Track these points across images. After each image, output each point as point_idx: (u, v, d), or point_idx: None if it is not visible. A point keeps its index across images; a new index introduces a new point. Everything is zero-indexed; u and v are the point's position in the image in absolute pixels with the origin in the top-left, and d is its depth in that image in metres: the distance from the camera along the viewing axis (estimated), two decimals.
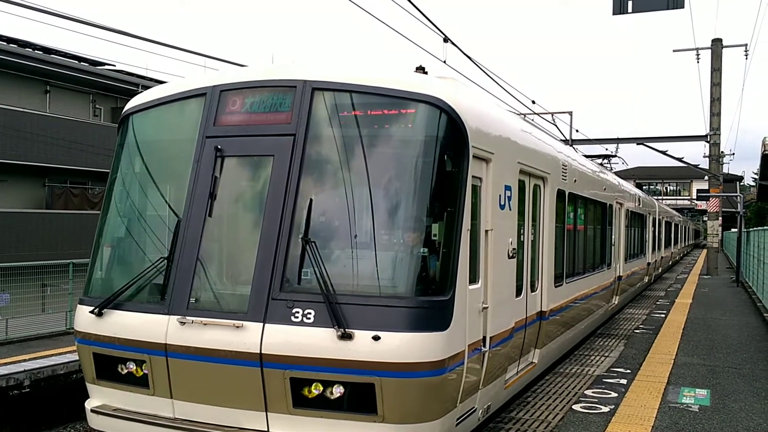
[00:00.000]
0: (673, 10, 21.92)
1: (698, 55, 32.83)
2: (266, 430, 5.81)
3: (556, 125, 25.27)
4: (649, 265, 23.99)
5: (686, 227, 58.45)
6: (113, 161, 7.10)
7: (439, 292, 5.80)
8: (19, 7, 10.97)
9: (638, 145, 31.00)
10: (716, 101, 31.22)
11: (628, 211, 17.88)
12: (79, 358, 6.76)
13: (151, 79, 31.40)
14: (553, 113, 25.27)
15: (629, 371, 10.46)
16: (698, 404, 8.63)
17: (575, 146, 23.96)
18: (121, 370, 6.34)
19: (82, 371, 6.80)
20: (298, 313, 5.67)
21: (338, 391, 5.63)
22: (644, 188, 68.63)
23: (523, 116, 14.38)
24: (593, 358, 11.57)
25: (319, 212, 6.04)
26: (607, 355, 11.83)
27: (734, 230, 39.93)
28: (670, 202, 66.63)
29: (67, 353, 11.87)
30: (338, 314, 5.54)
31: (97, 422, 6.41)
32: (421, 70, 7.60)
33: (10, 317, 13.71)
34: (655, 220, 25.97)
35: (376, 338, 5.47)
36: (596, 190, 13.51)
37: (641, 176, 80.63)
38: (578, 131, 30.44)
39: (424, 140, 6.01)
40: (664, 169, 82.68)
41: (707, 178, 32.95)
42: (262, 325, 5.73)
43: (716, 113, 31.21)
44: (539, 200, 9.17)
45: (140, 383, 6.23)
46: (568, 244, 10.85)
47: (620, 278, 16.72)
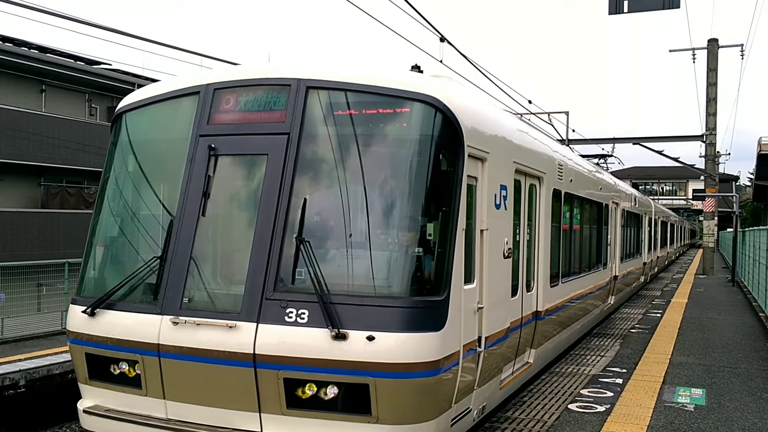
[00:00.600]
0: (668, 9, 21.90)
1: (694, 55, 32.94)
2: (260, 430, 5.78)
3: (552, 125, 25.29)
4: (645, 264, 24.01)
5: (682, 227, 58.56)
6: (106, 160, 7.05)
7: (433, 292, 5.77)
8: (14, 5, 10.92)
9: (634, 144, 31.03)
10: (712, 101, 31.26)
11: (624, 210, 17.88)
12: (71, 358, 6.71)
13: (147, 78, 31.26)
14: (549, 113, 25.27)
15: (625, 371, 10.46)
16: (694, 403, 8.63)
17: (571, 146, 23.96)
18: (113, 370, 6.30)
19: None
20: (291, 313, 5.64)
21: (332, 391, 5.60)
22: (640, 188, 68.73)
23: (519, 116, 14.35)
24: (589, 357, 11.55)
25: (313, 212, 6.01)
26: (602, 354, 11.82)
27: (730, 230, 39.95)
28: (666, 201, 66.73)
29: (62, 353, 11.81)
30: (332, 314, 5.51)
31: (89, 423, 6.36)
32: (416, 68, 7.56)
33: (5, 317, 13.66)
34: (651, 219, 25.99)
35: (370, 338, 5.44)
36: (592, 189, 13.50)
37: (637, 176, 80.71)
38: (574, 131, 30.50)
39: (418, 139, 5.98)
40: (660, 169, 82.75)
41: (703, 178, 32.98)
42: (255, 325, 5.69)
43: (712, 113, 31.26)
44: (535, 200, 9.14)
45: (133, 384, 6.19)
46: (563, 243, 10.83)
47: (616, 278, 16.72)
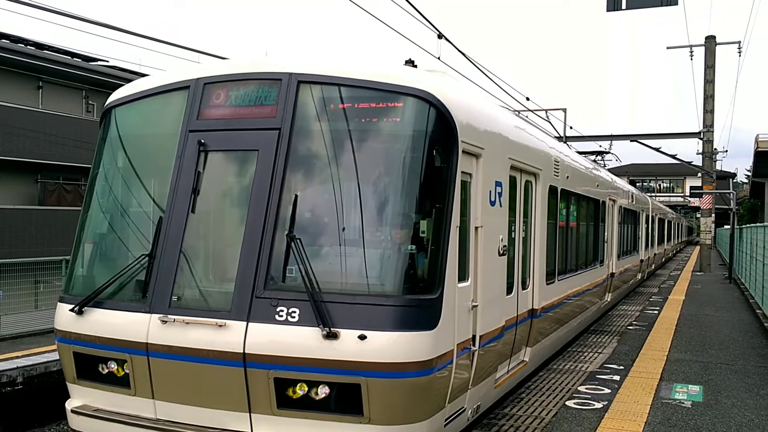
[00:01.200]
0: (666, 6, 21.82)
1: (692, 52, 32.91)
2: (250, 431, 5.68)
3: (550, 122, 25.23)
4: (642, 261, 23.95)
5: (679, 224, 58.56)
6: (95, 156, 6.93)
7: (426, 290, 5.68)
8: (11, 2, 10.79)
9: (632, 141, 30.98)
10: (710, 98, 31.22)
11: (621, 207, 17.81)
12: (59, 357, 6.62)
13: (144, 75, 31.13)
14: (547, 110, 25.20)
15: (622, 367, 10.44)
16: (691, 400, 8.63)
17: (569, 143, 23.90)
18: (101, 369, 6.20)
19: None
20: (282, 311, 5.54)
21: (323, 391, 5.50)
22: (638, 185, 68.76)
23: (517, 113, 14.27)
24: (586, 354, 11.53)
25: (304, 208, 5.91)
26: (600, 351, 11.79)
27: (727, 227, 39.96)
28: (663, 198, 66.74)
29: None
30: (323, 313, 5.41)
31: (77, 423, 6.26)
32: (410, 63, 7.48)
33: (3, 314, 13.55)
34: (648, 216, 25.94)
35: (362, 337, 5.34)
36: (589, 186, 13.42)
37: (635, 173, 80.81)
38: (572, 128, 30.38)
39: (412, 135, 5.87)
40: (657, 166, 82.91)
41: (700, 175, 32.94)
42: (245, 323, 5.59)
43: (710, 110, 31.23)
44: (531, 196, 9.05)
45: (121, 383, 6.09)
46: (560, 241, 10.75)
47: (613, 275, 16.65)
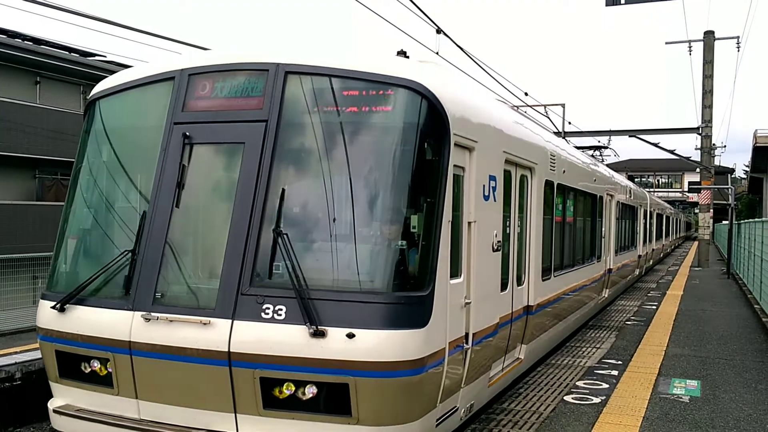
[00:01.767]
0: (665, 1, 21.70)
1: (690, 47, 32.73)
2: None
3: (549, 117, 25.07)
4: (640, 257, 23.83)
5: (677, 219, 58.49)
6: (78, 149, 6.76)
7: (417, 287, 5.52)
8: None
9: (630, 137, 30.93)
10: (708, 93, 31.10)
11: (618, 203, 17.67)
12: (41, 355, 6.45)
13: None
14: (546, 105, 25.03)
15: (620, 362, 10.40)
16: (689, 395, 8.59)
17: (568, 138, 23.72)
18: (84, 368, 6.03)
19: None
20: (268, 309, 5.38)
21: (311, 391, 5.35)
22: (636, 180, 68.64)
23: (515, 108, 14.11)
24: (584, 349, 11.46)
25: (291, 203, 5.74)
26: (598, 346, 11.72)
27: (725, 222, 39.90)
28: (661, 194, 66.76)
29: None
30: (310, 310, 5.25)
31: (60, 423, 6.10)
32: (402, 54, 7.30)
33: (1, 309, 13.43)
34: (646, 212, 25.82)
35: (350, 336, 5.18)
36: (586, 181, 13.26)
37: (633, 168, 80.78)
38: (571, 123, 30.30)
39: (402, 127, 5.71)
40: (656, 161, 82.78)
41: (699, 170, 32.86)
42: (230, 321, 5.43)
43: (708, 105, 31.11)
44: (526, 191, 8.88)
45: (104, 382, 5.92)
46: (556, 236, 10.59)
47: (610, 271, 16.52)
